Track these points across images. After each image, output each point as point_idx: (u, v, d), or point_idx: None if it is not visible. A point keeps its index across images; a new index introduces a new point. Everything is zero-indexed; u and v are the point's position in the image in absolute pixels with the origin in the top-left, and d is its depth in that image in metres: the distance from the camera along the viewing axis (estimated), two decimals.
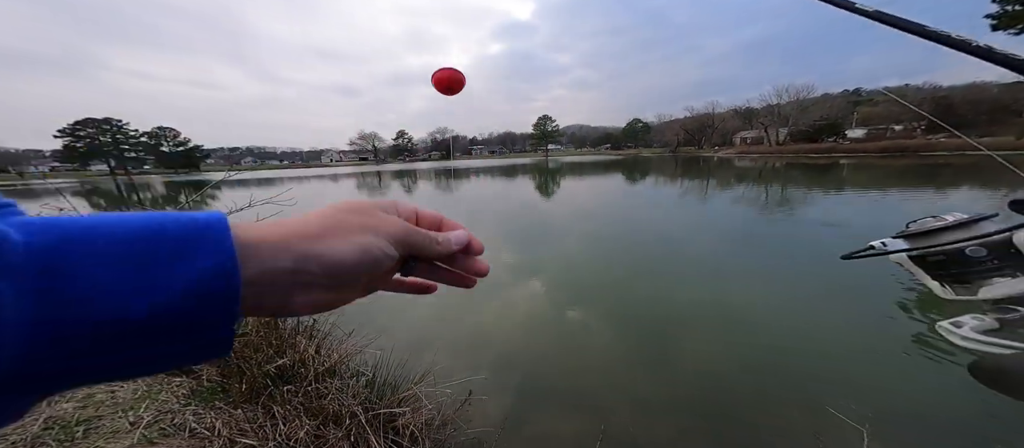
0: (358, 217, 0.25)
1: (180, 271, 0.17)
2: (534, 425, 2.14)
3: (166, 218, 0.19)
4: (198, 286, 0.18)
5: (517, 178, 23.74)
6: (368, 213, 0.25)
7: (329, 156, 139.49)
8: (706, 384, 2.44)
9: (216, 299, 0.18)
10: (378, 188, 21.46)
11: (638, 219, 8.53)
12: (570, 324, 3.40)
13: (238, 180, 26.23)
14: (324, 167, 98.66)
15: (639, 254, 5.57)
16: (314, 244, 0.22)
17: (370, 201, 0.27)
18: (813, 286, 4.03)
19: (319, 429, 1.48)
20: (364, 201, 0.26)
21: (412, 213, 0.30)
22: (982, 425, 1.98)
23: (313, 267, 0.22)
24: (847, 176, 16.07)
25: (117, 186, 33.15)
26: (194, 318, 0.18)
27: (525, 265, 5.08)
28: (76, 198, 7.28)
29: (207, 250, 0.18)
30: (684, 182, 16.72)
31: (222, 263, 0.18)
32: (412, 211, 0.30)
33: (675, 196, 12.31)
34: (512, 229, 7.72)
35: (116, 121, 74.81)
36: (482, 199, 13.89)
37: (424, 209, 0.31)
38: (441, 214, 0.32)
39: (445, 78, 0.75)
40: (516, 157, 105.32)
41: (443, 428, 1.90)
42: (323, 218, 0.24)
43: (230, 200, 2.65)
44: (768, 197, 10.92)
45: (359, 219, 0.25)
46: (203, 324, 0.18)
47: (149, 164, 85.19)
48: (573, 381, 2.54)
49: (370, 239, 0.24)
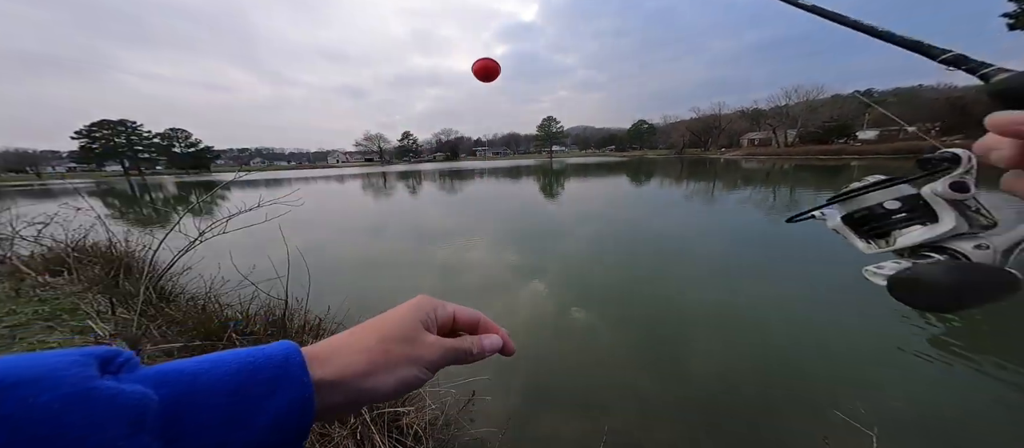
0: (403, 348, 0.27)
1: (268, 407, 0.21)
2: (537, 426, 2.14)
3: (258, 356, 0.23)
4: (283, 420, 0.22)
5: (521, 180, 23.75)
6: (412, 342, 0.28)
7: (335, 157, 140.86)
8: (712, 385, 2.42)
9: (293, 426, 0.22)
10: (383, 189, 21.60)
11: (643, 221, 8.48)
12: (574, 324, 3.39)
13: (247, 180, 26.62)
14: (330, 168, 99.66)
15: (644, 256, 5.54)
16: (363, 382, 0.26)
17: (412, 320, 0.29)
18: (821, 287, 3.97)
19: (324, 427, 1.50)
20: (408, 324, 0.28)
21: (450, 318, 0.32)
22: (993, 429, 1.94)
23: (361, 400, 0.26)
24: (857, 177, 15.75)
25: (131, 186, 33.85)
26: (275, 442, 0.22)
27: (530, 266, 5.08)
28: (92, 198, 7.46)
29: (292, 385, 0.22)
30: (690, 184, 16.57)
31: (304, 397, 0.23)
32: (450, 316, 0.32)
33: (681, 198, 12.21)
34: (517, 230, 7.72)
35: (131, 123, 76.47)
36: (487, 200, 13.91)
37: (462, 310, 0.33)
38: (479, 314, 0.34)
39: (483, 68, 0.88)
40: (520, 158, 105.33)
41: (447, 428, 1.91)
42: (371, 354, 0.26)
43: (240, 200, 2.70)
44: (776, 199, 10.79)
45: (403, 351, 0.27)
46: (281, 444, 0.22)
47: (161, 165, 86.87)
48: (577, 382, 2.53)
49: (413, 372, 0.27)
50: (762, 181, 16.45)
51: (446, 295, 0.31)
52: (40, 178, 75.25)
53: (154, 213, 10.83)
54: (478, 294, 4.13)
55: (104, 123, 73.44)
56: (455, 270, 4.99)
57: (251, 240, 2.79)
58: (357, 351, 0.26)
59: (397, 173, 44.60)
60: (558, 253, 5.81)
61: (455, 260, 5.39)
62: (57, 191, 18.98)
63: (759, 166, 28.10)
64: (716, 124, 71.22)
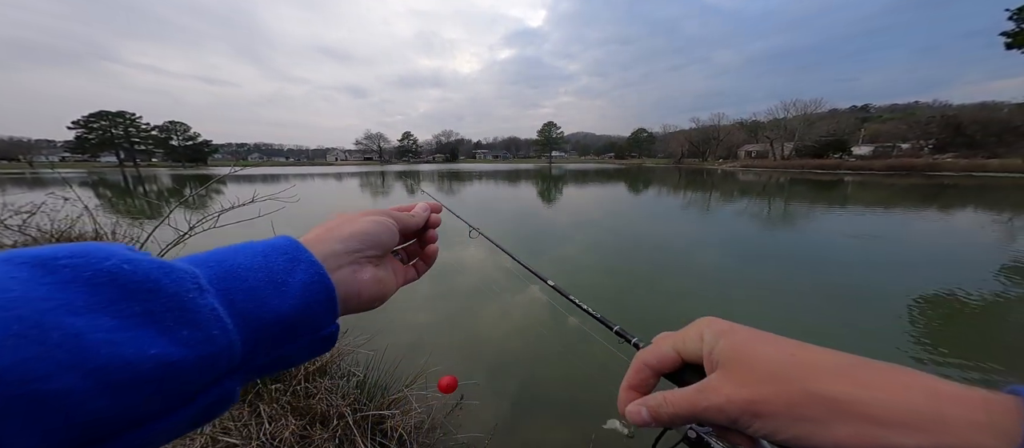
0: (357, 215, 0.34)
1: (295, 278, 0.25)
2: (524, 432, 2.11)
3: (267, 243, 0.27)
4: (310, 288, 0.25)
5: (520, 184, 23.77)
6: (362, 212, 0.35)
7: (334, 155, 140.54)
8: None
9: (321, 298, 0.26)
10: (380, 188, 21.55)
11: (640, 229, 8.50)
12: (567, 331, 3.37)
13: (243, 175, 26.44)
14: (329, 166, 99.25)
15: (640, 264, 5.54)
16: (341, 228, 0.31)
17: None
18: (814, 297, 3.98)
19: (305, 429, 1.47)
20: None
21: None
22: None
23: (353, 243, 0.30)
24: (851, 194, 15.96)
25: (124, 178, 33.51)
26: (312, 312, 0.25)
27: (524, 271, 5.05)
28: (82, 188, 7.27)
29: (306, 259, 0.26)
30: (687, 194, 16.67)
31: (317, 270, 0.26)
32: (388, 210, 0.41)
33: (678, 208, 12.28)
34: (513, 234, 7.70)
35: (129, 114, 75.86)
36: (484, 202, 13.90)
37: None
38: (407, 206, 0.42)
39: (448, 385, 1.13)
40: (519, 162, 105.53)
41: (432, 432, 1.88)
42: (337, 219, 0.33)
43: (234, 195, 2.67)
44: (771, 211, 10.87)
45: (359, 215, 0.34)
46: (318, 318, 0.26)
47: (157, 157, 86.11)
48: (566, 389, 2.51)
49: (375, 217, 0.34)
50: (758, 194, 16.58)
51: (440, 296, 0.31)
52: (32, 167, 74.32)
53: (146, 206, 10.73)
54: (471, 297, 4.10)
55: (102, 114, 72.84)
56: (450, 271, 4.96)
57: (243, 236, 2.75)
58: (325, 222, 0.33)
59: (395, 173, 44.52)
60: (555, 256, 5.80)
61: (452, 260, 5.36)
62: (48, 181, 18.74)
63: (755, 179, 28.34)
64: (715, 135, 71.86)
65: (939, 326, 3.44)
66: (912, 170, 30.95)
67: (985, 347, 3.05)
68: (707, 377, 0.24)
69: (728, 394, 0.22)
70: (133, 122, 76.44)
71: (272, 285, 0.24)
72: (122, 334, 0.17)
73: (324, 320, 0.26)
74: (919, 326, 3.37)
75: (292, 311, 0.24)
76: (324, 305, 0.26)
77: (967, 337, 3.27)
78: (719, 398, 0.22)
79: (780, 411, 0.20)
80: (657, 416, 0.25)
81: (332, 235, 0.30)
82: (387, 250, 0.34)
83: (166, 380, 0.18)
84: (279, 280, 0.24)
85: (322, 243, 0.29)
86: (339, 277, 0.28)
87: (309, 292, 0.25)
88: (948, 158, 34.34)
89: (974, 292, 4.07)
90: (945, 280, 4.40)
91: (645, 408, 0.26)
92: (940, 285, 4.27)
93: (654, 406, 0.25)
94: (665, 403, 0.25)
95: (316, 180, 30.40)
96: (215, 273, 0.22)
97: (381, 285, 0.33)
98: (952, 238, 7.35)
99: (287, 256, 0.25)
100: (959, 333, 3.34)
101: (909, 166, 32.26)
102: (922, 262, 5.41)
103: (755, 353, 0.22)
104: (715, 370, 0.24)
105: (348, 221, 0.32)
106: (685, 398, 0.24)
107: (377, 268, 0.33)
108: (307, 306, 0.25)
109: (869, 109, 62.42)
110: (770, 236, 7.60)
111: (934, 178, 25.33)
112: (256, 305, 0.23)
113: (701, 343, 0.25)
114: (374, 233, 0.32)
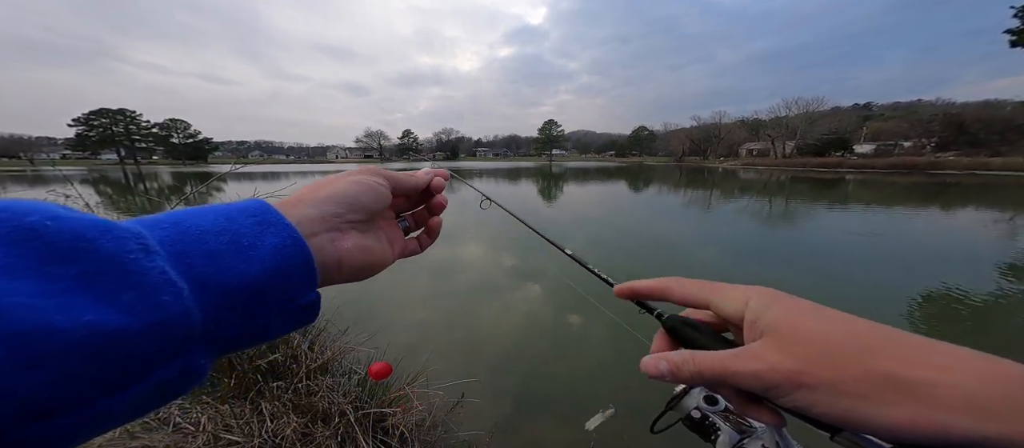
0: (338, 176, 0.31)
1: (266, 241, 0.22)
2: (525, 430, 2.12)
3: (232, 205, 0.24)
4: (280, 252, 0.23)
5: (521, 182, 23.75)
6: (347, 172, 0.32)
7: (334, 153, 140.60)
8: None
9: (296, 259, 0.23)
10: None
11: (641, 227, 8.49)
12: (568, 329, 3.37)
13: (243, 172, 26.44)
14: (329, 163, 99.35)
15: (640, 261, 5.54)
16: (317, 191, 0.28)
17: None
18: (814, 294, 3.98)
19: (307, 427, 1.47)
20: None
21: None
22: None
23: (329, 206, 0.27)
24: (852, 192, 15.92)
25: (125, 175, 33.54)
26: (286, 278, 0.23)
27: (524, 269, 5.06)
28: (83, 186, 7.33)
29: (277, 222, 0.24)
30: (688, 192, 16.65)
31: (290, 232, 0.23)
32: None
33: (679, 205, 12.26)
34: (513, 233, 7.70)
35: (130, 112, 75.81)
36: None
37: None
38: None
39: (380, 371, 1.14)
40: (520, 160, 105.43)
41: (433, 430, 1.88)
42: (316, 182, 0.30)
43: (234, 193, 2.66)
44: (772, 209, 10.84)
45: (342, 175, 0.31)
46: (293, 284, 0.23)
47: (158, 155, 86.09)
48: (567, 387, 2.51)
49: (361, 177, 0.31)
50: (758, 192, 16.54)
51: (437, 296, 0.30)
52: (32, 164, 74.37)
53: (147, 203, 10.73)
54: (473, 295, 4.10)
55: (103, 111, 72.78)
56: (449, 270, 4.96)
57: None
58: (307, 185, 0.30)
59: (395, 171, 44.43)
60: (554, 256, 5.79)
61: (449, 258, 5.36)
62: (49, 178, 18.79)
63: (757, 177, 28.29)
64: (716, 133, 71.63)
65: (940, 324, 3.44)
66: (914, 168, 30.87)
67: (987, 346, 3.04)
68: (747, 344, 0.23)
69: (773, 362, 0.21)
70: (133, 120, 76.39)
71: (237, 248, 0.21)
72: (49, 300, 0.15)
73: (302, 287, 0.24)
74: (920, 324, 3.37)
75: (262, 276, 0.21)
76: (300, 270, 0.23)
77: (969, 336, 3.27)
78: (761, 365, 0.21)
79: (829, 383, 0.20)
80: (677, 372, 0.24)
81: (306, 198, 0.27)
82: (373, 214, 0.31)
83: (107, 350, 0.16)
84: (246, 244, 0.22)
85: (295, 207, 0.26)
86: (316, 244, 0.25)
87: (281, 256, 0.22)
88: (950, 156, 34.20)
89: (976, 290, 4.07)
90: (947, 278, 4.40)
91: (666, 361, 0.25)
92: (941, 283, 4.26)
93: (678, 362, 0.24)
94: (691, 361, 0.24)
95: (317, 177, 30.39)
96: (169, 235, 0.20)
97: (367, 254, 0.29)
98: (954, 236, 7.34)
99: (255, 219, 0.23)
100: (961, 331, 3.33)
101: (911, 164, 32.15)
102: (923, 260, 5.41)
103: (809, 325, 0.22)
104: (759, 338, 0.23)
105: (327, 183, 0.29)
106: (717, 360, 0.23)
107: (363, 235, 0.30)
108: (279, 271, 0.22)
109: (871, 107, 62.22)
110: (770, 234, 7.60)
111: (936, 176, 25.25)
112: (218, 269, 0.20)
113: (743, 307, 0.24)
114: (354, 195, 0.29)
